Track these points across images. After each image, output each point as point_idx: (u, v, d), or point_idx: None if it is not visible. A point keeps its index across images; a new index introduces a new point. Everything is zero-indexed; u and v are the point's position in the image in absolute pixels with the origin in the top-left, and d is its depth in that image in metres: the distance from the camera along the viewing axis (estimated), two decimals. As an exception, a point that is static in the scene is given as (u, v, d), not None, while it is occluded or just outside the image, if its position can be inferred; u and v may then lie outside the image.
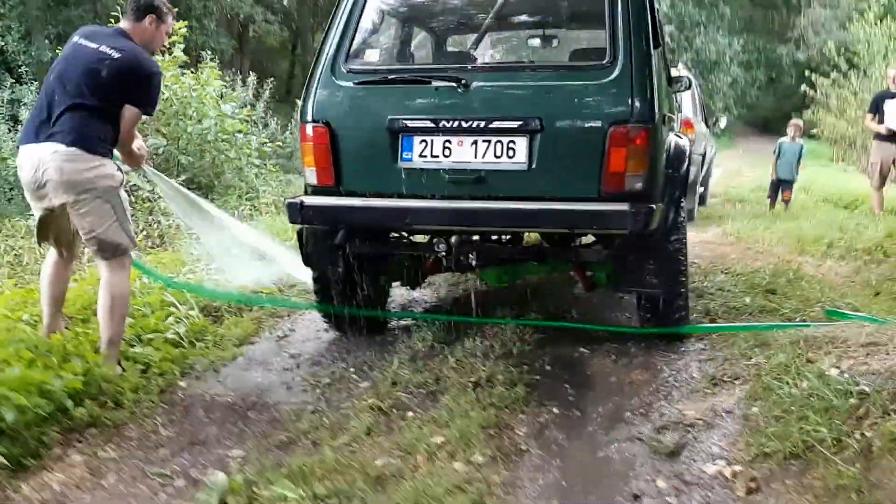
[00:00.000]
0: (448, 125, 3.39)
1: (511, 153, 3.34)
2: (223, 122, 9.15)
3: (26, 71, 15.83)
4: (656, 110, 3.25)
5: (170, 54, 8.66)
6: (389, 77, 3.62)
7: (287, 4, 27.26)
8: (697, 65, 23.34)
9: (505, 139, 3.34)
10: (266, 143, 9.81)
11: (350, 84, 3.57)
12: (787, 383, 2.91)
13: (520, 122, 3.30)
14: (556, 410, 3.14)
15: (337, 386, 3.50)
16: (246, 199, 8.94)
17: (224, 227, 4.34)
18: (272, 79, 13.44)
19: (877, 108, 8.60)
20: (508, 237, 3.95)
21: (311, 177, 3.61)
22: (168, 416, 3.21)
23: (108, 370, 3.34)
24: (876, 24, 16.63)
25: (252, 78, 12.07)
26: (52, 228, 3.60)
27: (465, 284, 5.04)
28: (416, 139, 3.46)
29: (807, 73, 18.30)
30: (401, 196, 3.49)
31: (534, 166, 3.31)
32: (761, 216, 8.80)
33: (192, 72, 9.39)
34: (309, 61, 27.55)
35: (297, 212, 3.55)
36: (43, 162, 3.32)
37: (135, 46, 3.51)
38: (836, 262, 6.20)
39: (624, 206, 3.12)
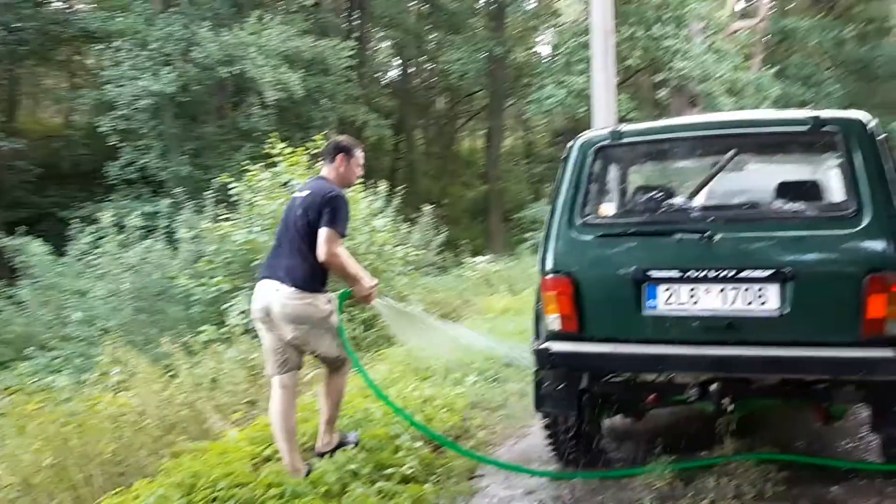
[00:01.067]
0: (694, 275, 3.54)
1: (762, 300, 3.45)
2: (374, 236, 9.61)
3: (166, 185, 17.03)
4: None
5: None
6: (630, 231, 3.78)
7: (391, 105, 28.57)
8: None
9: (755, 287, 3.45)
10: (413, 252, 10.20)
11: (590, 237, 3.75)
12: None
13: (771, 272, 3.41)
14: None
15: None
16: (399, 310, 9.25)
17: (441, 330, 5.07)
18: (397, 185, 13.98)
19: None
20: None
21: (555, 323, 3.76)
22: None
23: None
24: None
25: (384, 187, 12.65)
26: (284, 357, 4.05)
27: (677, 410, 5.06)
28: (661, 287, 3.61)
29: None
30: (646, 342, 3.63)
31: (786, 313, 3.41)
32: None
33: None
34: (415, 158, 28.62)
35: (545, 358, 3.74)
36: (268, 297, 3.96)
37: (321, 182, 4.11)
38: None
39: (893, 353, 3.17)
